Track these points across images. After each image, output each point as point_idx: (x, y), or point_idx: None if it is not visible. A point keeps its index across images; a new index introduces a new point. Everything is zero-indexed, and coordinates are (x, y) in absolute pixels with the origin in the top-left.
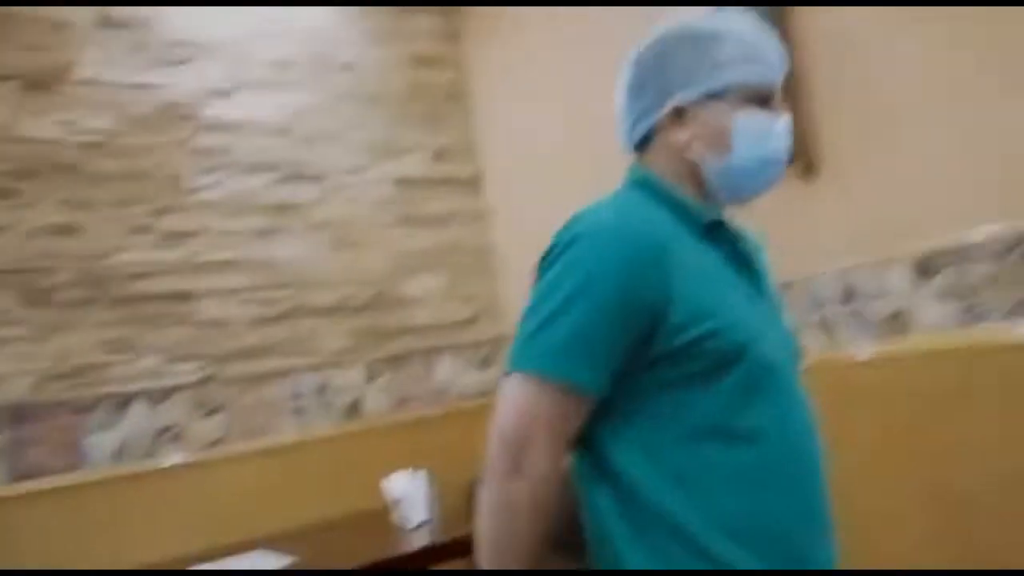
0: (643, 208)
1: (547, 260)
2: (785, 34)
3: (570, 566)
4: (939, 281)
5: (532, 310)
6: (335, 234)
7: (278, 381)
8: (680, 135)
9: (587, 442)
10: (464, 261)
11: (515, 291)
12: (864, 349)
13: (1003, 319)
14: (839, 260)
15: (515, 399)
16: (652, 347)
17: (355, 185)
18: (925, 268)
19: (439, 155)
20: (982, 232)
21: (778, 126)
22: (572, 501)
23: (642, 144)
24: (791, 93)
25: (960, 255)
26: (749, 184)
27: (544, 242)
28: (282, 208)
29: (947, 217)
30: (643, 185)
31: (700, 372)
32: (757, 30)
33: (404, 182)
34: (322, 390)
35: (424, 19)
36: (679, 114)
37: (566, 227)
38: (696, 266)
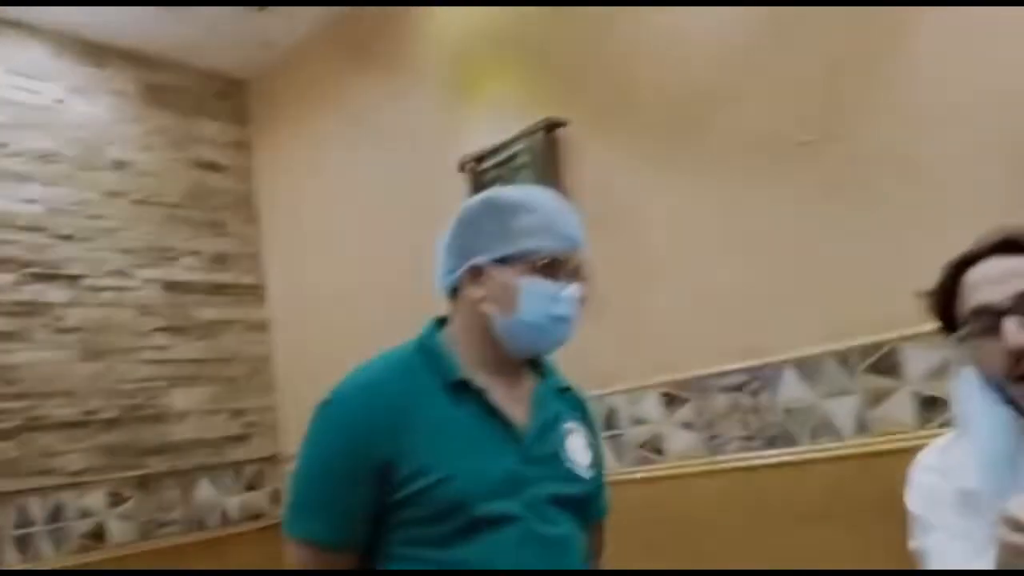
0: (396, 372)
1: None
2: (555, 182)
3: None
4: (686, 411)
5: (292, 477)
6: (87, 340)
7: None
8: (476, 292)
9: None
10: (238, 373)
11: (293, 406)
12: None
13: (739, 447)
14: (603, 386)
15: (291, 558)
16: (386, 496)
17: (116, 288)
18: (672, 398)
19: (218, 261)
20: (722, 368)
21: (564, 293)
22: None
23: (453, 294)
24: None
25: (703, 388)
26: (534, 340)
27: (326, 355)
28: (27, 309)
29: (694, 354)
30: (420, 346)
31: (424, 518)
32: (556, 206)
33: (175, 287)
34: (54, 516)
35: (212, 126)
36: (476, 273)
37: (330, 391)
38: (433, 424)
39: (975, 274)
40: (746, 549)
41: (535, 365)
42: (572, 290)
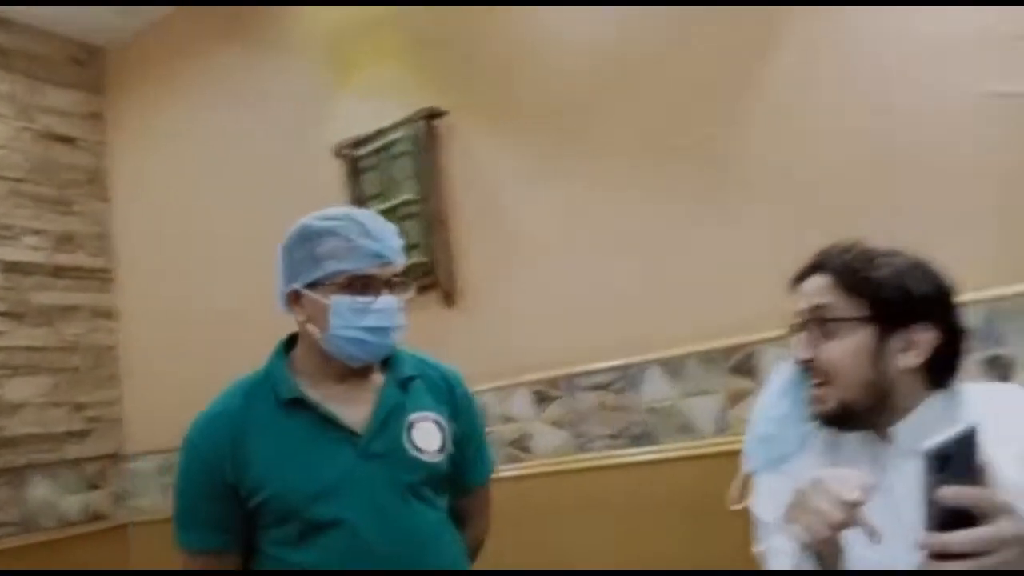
0: (238, 400)
1: None
2: (433, 173)
3: None
4: (555, 409)
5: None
6: None
7: None
8: (299, 314)
9: None
10: (80, 363)
11: (140, 401)
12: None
13: (605, 445)
14: (473, 383)
15: (186, 566)
16: (241, 507)
17: None
18: (542, 396)
19: (64, 241)
20: (590, 367)
21: (376, 306)
22: None
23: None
24: (438, 228)
25: (572, 386)
26: (356, 351)
27: (178, 347)
28: None
29: (565, 352)
30: (266, 370)
31: (270, 525)
32: (361, 228)
33: (14, 268)
34: None
35: (64, 95)
36: (296, 298)
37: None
38: (269, 443)
39: (802, 287)
40: (613, 546)
41: (384, 362)
42: (383, 302)
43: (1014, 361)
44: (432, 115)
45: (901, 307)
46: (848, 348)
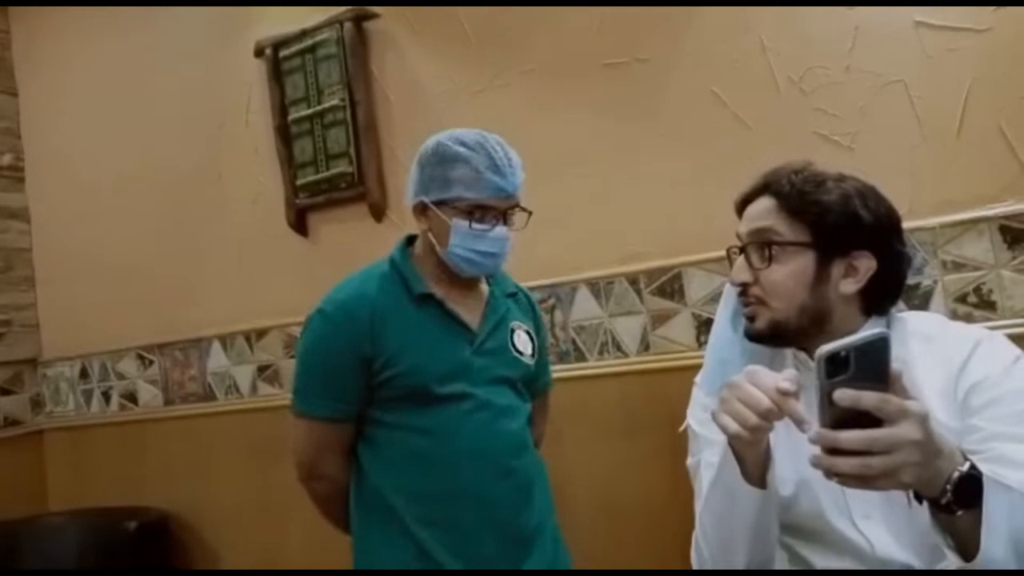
0: (373, 286)
1: (303, 329)
2: (362, 79)
3: None
4: None
5: (297, 368)
6: None
7: None
8: (423, 224)
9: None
10: None
11: (57, 306)
12: None
13: None
14: None
15: (299, 430)
16: (370, 380)
17: None
18: None
19: None
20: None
21: (491, 235)
22: None
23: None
24: (367, 137)
25: None
26: (467, 268)
27: (93, 248)
28: None
29: None
30: (391, 264)
31: (398, 396)
32: (490, 162)
33: None
34: None
35: None
36: (423, 209)
37: (315, 309)
38: (403, 327)
39: (747, 209)
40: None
41: (490, 276)
42: (497, 231)
43: (932, 291)
44: (361, 17)
45: (845, 233)
46: (787, 273)
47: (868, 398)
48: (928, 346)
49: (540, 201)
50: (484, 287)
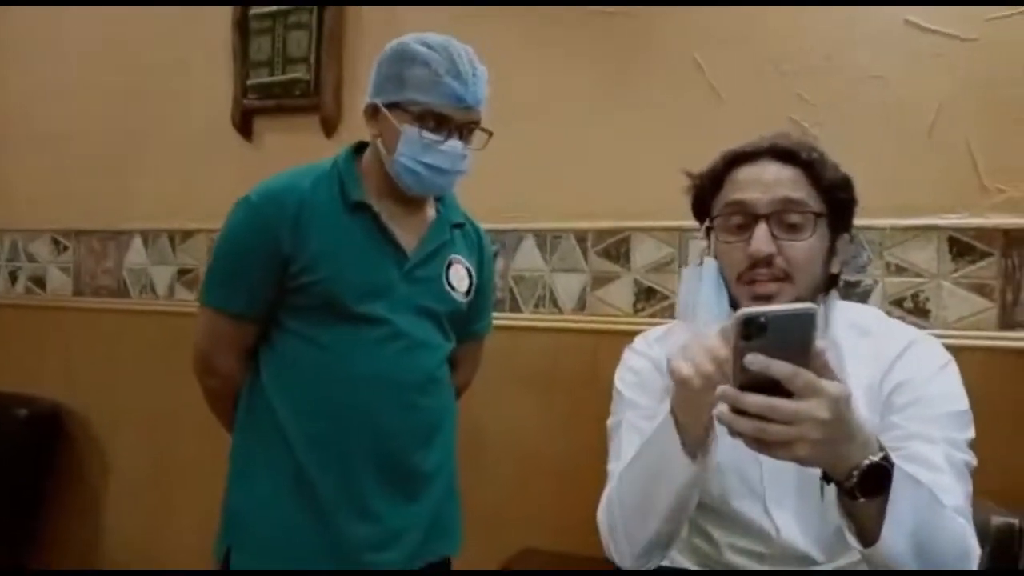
0: (307, 183)
1: (226, 218)
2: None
3: None
4: None
5: (211, 256)
6: None
7: None
8: (373, 128)
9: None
10: None
11: None
12: None
13: None
14: None
15: (203, 322)
16: (284, 282)
17: None
18: None
19: None
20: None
21: (443, 147)
22: None
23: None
24: (331, 44)
25: None
26: (411, 182)
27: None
28: None
29: None
30: (333, 165)
31: (310, 306)
32: (451, 65)
33: None
34: None
35: None
36: (374, 112)
37: (252, 190)
38: (330, 233)
39: (746, 172)
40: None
41: (439, 201)
42: (450, 145)
43: (871, 290)
44: None
45: (846, 213)
46: (812, 246)
47: (779, 368)
48: (862, 339)
49: (498, 142)
50: (431, 211)
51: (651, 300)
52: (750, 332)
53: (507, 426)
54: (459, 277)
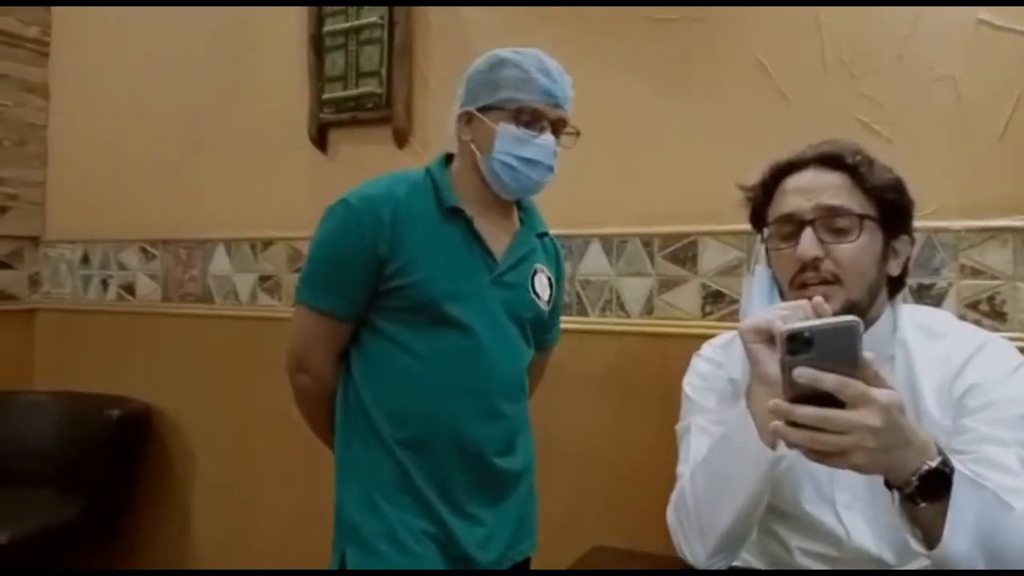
0: (403, 188)
1: (322, 219)
2: (409, 8)
3: None
4: None
5: (308, 256)
6: None
7: None
8: (466, 134)
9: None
10: (3, 137)
11: (64, 185)
12: None
13: None
14: None
15: (301, 320)
16: (379, 284)
17: None
18: None
19: None
20: None
21: (537, 141)
22: None
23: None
24: (402, 57)
25: None
26: (506, 178)
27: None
28: None
29: None
30: (427, 173)
31: (404, 307)
32: (541, 65)
33: None
34: None
35: None
36: (468, 118)
37: (348, 193)
38: (425, 237)
39: (792, 181)
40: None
41: (522, 211)
42: (544, 139)
43: (945, 292)
44: None
45: (900, 214)
46: (862, 248)
47: (828, 380)
48: (932, 342)
49: (566, 150)
50: (516, 220)
51: (719, 303)
52: (797, 347)
53: (575, 428)
54: (543, 285)
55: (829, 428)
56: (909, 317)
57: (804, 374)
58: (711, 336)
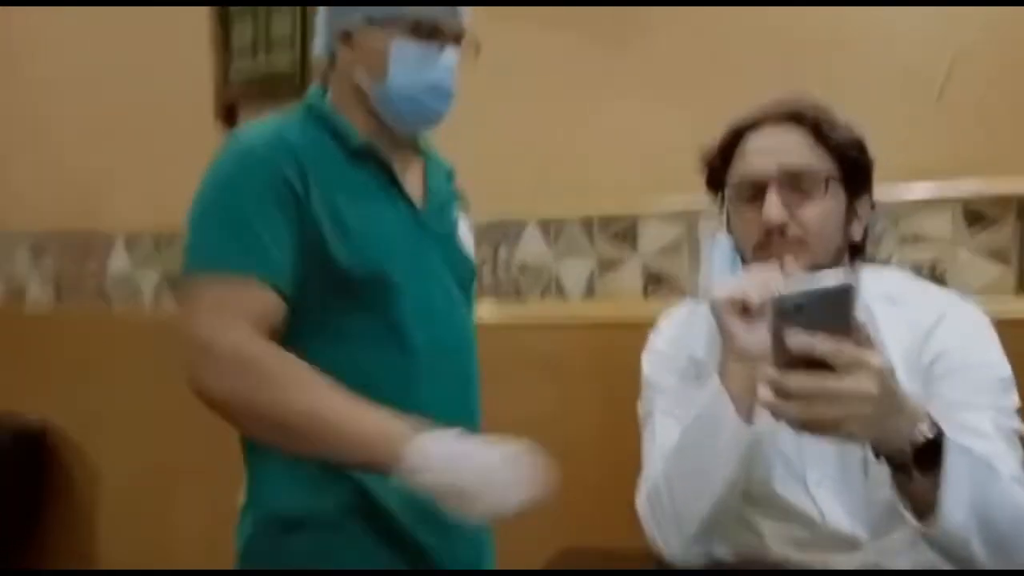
0: (289, 129)
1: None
2: None
3: None
4: None
5: (194, 217)
6: None
7: None
8: (347, 56)
9: None
10: None
11: None
12: None
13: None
14: None
15: (191, 311)
16: (302, 242)
17: None
18: None
19: None
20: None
21: (441, 59)
22: None
23: (332, 62)
24: None
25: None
26: (407, 112)
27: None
28: None
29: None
30: (309, 110)
31: (341, 289)
32: None
33: None
34: None
35: None
36: (347, 37)
37: (223, 147)
38: (337, 188)
39: (752, 141)
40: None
41: (415, 145)
42: (447, 56)
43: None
44: None
45: (862, 174)
46: (828, 210)
47: (822, 345)
48: (895, 308)
49: (502, 128)
50: (418, 160)
51: (661, 285)
52: (787, 313)
53: (519, 421)
54: (467, 237)
55: (824, 396)
56: (873, 284)
57: (797, 340)
58: (653, 322)
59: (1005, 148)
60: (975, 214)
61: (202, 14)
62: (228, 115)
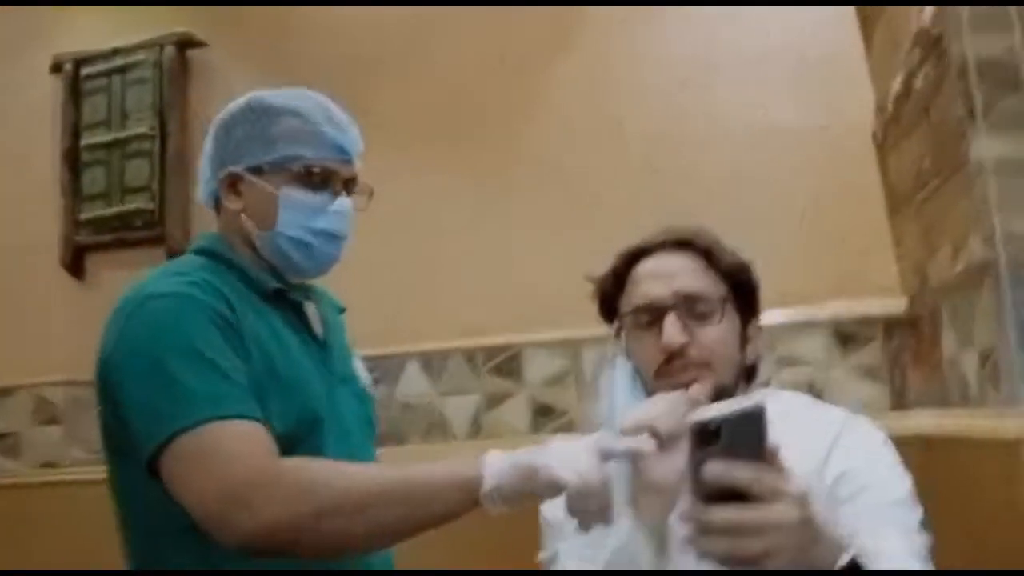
0: (195, 277)
1: (112, 326)
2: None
3: None
4: None
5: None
6: None
7: None
8: (234, 204)
9: None
10: None
11: None
12: None
13: None
14: None
15: (212, 453)
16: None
17: None
18: None
19: None
20: None
21: (332, 206)
22: None
23: (217, 207)
24: (175, 172)
25: None
26: (297, 258)
27: None
28: None
29: None
30: (207, 251)
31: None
32: (327, 113)
33: None
34: None
35: None
36: (233, 183)
37: (129, 296)
38: (263, 331)
39: (645, 266)
40: None
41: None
42: (340, 204)
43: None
44: (186, 43)
45: (752, 298)
46: (726, 331)
47: (740, 474)
48: (792, 428)
49: (373, 262)
50: (310, 294)
51: (548, 416)
52: (704, 439)
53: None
54: (362, 370)
55: (747, 529)
56: (771, 405)
57: (715, 469)
58: None
59: (866, 268)
60: (846, 335)
61: (51, 161)
62: (76, 262)
